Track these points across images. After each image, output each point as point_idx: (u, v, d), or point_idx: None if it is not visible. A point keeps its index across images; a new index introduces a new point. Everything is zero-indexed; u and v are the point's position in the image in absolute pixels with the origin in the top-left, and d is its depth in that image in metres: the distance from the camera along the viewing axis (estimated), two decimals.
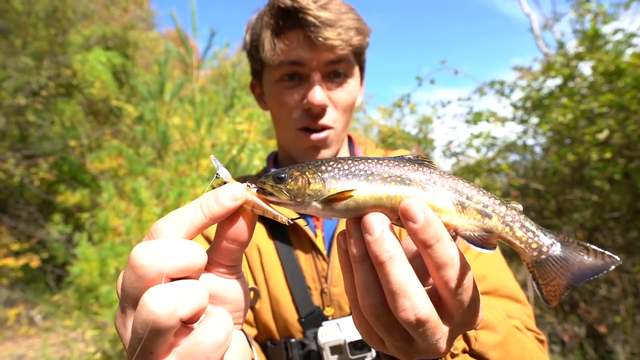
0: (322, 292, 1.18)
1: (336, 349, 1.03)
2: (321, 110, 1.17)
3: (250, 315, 1.24)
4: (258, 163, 5.97)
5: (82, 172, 13.17)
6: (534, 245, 0.60)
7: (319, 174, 0.61)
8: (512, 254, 6.73)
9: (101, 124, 14.76)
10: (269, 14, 1.16)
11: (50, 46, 12.57)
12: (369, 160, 0.61)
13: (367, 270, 0.56)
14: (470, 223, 0.59)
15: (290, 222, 0.59)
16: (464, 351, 0.76)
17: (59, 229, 11.69)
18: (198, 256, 0.53)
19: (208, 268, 0.59)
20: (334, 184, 0.59)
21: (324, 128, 1.20)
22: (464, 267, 0.54)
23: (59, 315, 9.45)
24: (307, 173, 0.61)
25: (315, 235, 1.26)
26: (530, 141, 7.22)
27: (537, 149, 7.30)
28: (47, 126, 12.80)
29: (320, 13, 1.07)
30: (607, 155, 4.72)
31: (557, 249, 0.60)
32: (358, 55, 1.25)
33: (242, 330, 0.67)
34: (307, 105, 1.15)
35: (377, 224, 0.54)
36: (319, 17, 1.07)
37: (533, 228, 0.61)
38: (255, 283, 1.25)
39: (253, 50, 1.26)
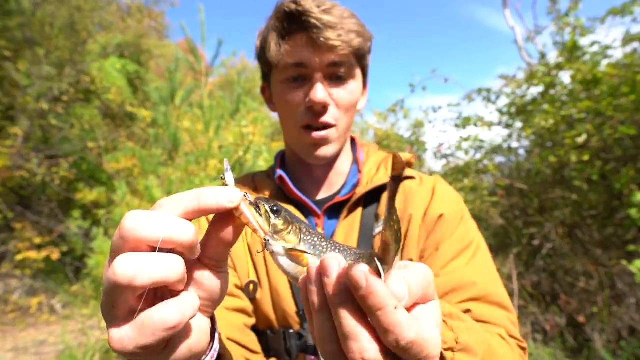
0: None
1: None
2: (322, 108, 1.15)
3: (250, 306, 1.22)
4: (262, 163, 5.99)
5: (100, 171, 13.18)
6: None
7: (300, 233, 0.63)
8: (497, 249, 6.78)
9: (117, 127, 14.75)
10: (275, 18, 1.16)
11: (70, 55, 12.61)
12: (333, 245, 0.63)
13: (325, 319, 0.55)
14: None
15: (265, 240, 0.61)
16: None
17: (77, 224, 11.72)
18: (182, 232, 0.53)
19: (200, 257, 0.60)
20: (301, 245, 0.62)
21: (325, 126, 1.18)
22: (408, 331, 0.50)
23: (77, 304, 9.48)
24: (295, 224, 0.63)
25: None
26: (514, 144, 7.24)
27: (521, 152, 7.31)
28: (67, 129, 12.83)
29: (323, 16, 1.07)
30: (586, 157, 4.74)
31: None
32: (359, 59, 1.22)
33: (211, 317, 0.68)
34: (309, 103, 1.14)
35: (334, 267, 0.53)
36: (321, 20, 1.06)
37: None
38: (258, 276, 1.24)
39: (262, 53, 1.24)
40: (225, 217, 0.59)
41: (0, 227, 11.60)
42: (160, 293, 0.58)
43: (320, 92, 1.12)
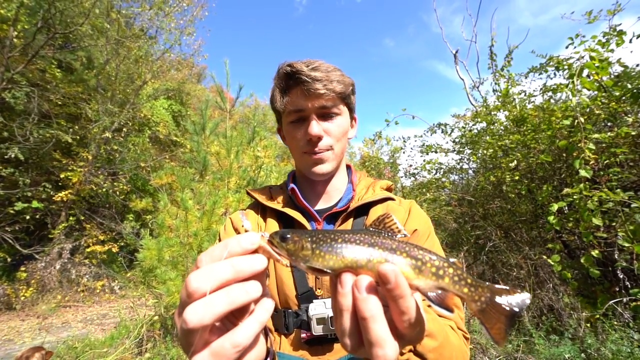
0: (316, 277, 1.14)
1: (321, 321, 1.02)
2: (317, 139, 1.16)
3: None
4: (273, 180, 6.02)
5: (148, 185, 13.29)
6: (476, 297, 0.53)
7: (310, 244, 0.55)
8: (452, 247, 6.78)
9: (162, 151, 14.89)
10: (277, 78, 1.18)
11: (128, 97, 12.78)
12: (346, 235, 0.55)
13: (349, 318, 0.52)
14: (427, 283, 0.52)
15: (288, 265, 0.58)
16: (410, 350, 0.75)
17: (131, 225, 11.84)
18: (232, 273, 0.50)
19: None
20: (316, 257, 0.54)
21: (322, 150, 1.19)
22: (418, 312, 0.51)
23: (131, 287, 9.49)
24: (302, 240, 0.56)
25: None
26: (465, 166, 7.26)
27: (470, 172, 7.34)
28: (125, 152, 12.96)
29: (311, 73, 1.09)
30: (516, 177, 4.76)
31: (492, 298, 0.53)
32: (344, 99, 1.22)
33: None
34: (308, 136, 1.15)
35: (366, 285, 0.50)
36: (310, 76, 1.09)
37: (474, 283, 0.54)
38: (267, 267, 1.18)
39: (272, 105, 1.27)
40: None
41: (75, 227, 11.64)
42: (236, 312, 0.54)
43: (315, 127, 1.14)
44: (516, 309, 0.53)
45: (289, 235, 0.56)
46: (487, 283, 0.54)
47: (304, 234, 0.57)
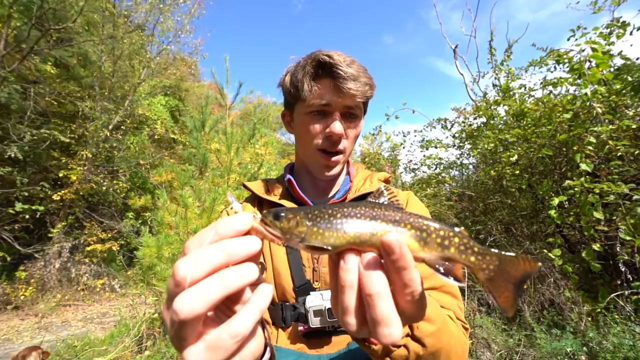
0: (313, 269, 1.13)
1: (318, 313, 1.01)
2: (338, 138, 1.14)
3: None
4: (272, 176, 5.99)
5: (148, 182, 13.28)
6: (484, 266, 0.51)
7: (306, 221, 0.52)
8: None
9: (161, 149, 14.88)
10: (310, 64, 1.12)
11: (126, 95, 12.75)
12: (346, 209, 0.52)
13: (352, 296, 0.49)
14: (433, 255, 0.50)
15: (284, 245, 0.56)
16: (407, 335, 0.74)
17: (131, 223, 11.83)
18: (229, 255, 0.47)
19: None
20: (314, 234, 0.51)
21: (338, 152, 1.17)
22: (421, 285, 0.49)
23: (131, 285, 9.50)
24: (297, 217, 0.52)
25: None
26: (465, 161, 7.26)
27: (470, 167, 7.34)
28: (124, 150, 12.95)
29: (347, 69, 1.06)
30: (517, 171, 4.77)
31: (499, 266, 0.51)
32: (365, 104, 1.21)
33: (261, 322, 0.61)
34: (328, 133, 1.12)
35: (373, 261, 0.48)
36: (346, 72, 1.05)
37: (481, 251, 0.51)
38: (264, 259, 1.20)
39: (292, 88, 1.18)
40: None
41: (74, 225, 11.65)
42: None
43: (339, 126, 1.11)
44: (525, 277, 0.51)
45: (283, 213, 0.53)
46: (495, 250, 0.52)
47: (298, 210, 0.54)
